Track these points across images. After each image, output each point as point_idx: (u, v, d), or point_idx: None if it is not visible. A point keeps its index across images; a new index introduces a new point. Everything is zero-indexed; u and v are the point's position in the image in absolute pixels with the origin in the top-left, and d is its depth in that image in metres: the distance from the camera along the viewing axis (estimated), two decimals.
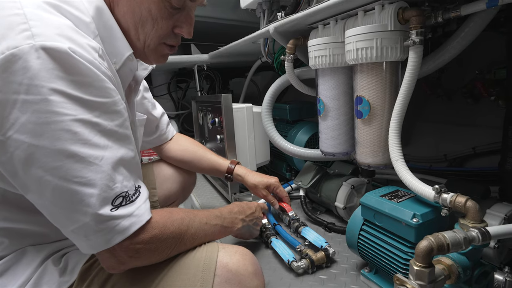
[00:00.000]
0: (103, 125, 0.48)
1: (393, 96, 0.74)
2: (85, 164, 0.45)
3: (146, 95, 0.92)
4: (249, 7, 1.31)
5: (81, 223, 0.46)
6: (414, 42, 0.65)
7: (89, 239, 0.47)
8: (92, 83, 0.47)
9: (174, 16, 0.59)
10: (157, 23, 0.58)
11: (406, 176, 0.66)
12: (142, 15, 0.56)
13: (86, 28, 0.51)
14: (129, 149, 0.52)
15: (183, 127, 2.32)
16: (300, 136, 1.29)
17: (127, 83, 0.64)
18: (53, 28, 0.45)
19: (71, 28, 0.47)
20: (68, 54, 0.44)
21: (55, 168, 0.44)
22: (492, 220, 0.68)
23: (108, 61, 0.53)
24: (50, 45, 0.43)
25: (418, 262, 0.49)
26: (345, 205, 0.98)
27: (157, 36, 0.59)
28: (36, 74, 0.42)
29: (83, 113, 0.45)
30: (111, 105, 0.49)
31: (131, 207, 0.50)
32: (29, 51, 0.42)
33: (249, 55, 1.65)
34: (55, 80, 0.43)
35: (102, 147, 0.47)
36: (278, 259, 0.88)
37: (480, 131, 1.14)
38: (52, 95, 0.43)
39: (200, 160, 1.04)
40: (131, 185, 0.51)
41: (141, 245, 0.51)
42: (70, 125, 0.44)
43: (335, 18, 0.85)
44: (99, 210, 0.46)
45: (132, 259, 0.51)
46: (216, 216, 0.69)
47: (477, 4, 0.61)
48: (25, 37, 0.42)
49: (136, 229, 0.49)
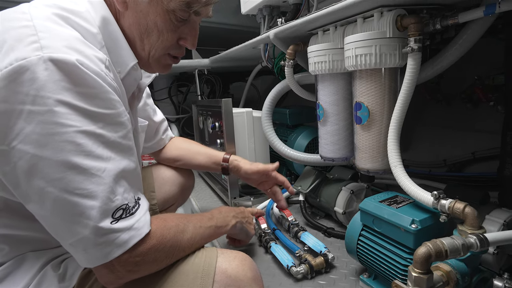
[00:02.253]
0: (106, 136, 0.48)
1: (392, 102, 0.75)
2: (87, 176, 0.45)
3: (148, 101, 0.93)
4: (250, 13, 1.32)
5: (80, 236, 0.46)
6: (412, 49, 0.66)
7: (88, 253, 0.47)
8: (98, 94, 0.47)
9: (179, 28, 0.60)
10: (162, 35, 0.59)
11: (404, 182, 0.66)
12: (148, 26, 0.57)
13: (93, 38, 0.52)
14: (131, 160, 0.52)
15: (183, 131, 2.32)
16: (300, 141, 1.29)
17: (131, 92, 0.65)
18: (61, 40, 0.46)
19: (79, 40, 0.48)
20: (75, 66, 0.44)
21: (57, 179, 0.44)
22: (491, 226, 0.68)
23: (114, 71, 0.54)
24: (58, 57, 0.43)
25: (416, 268, 0.49)
26: (345, 210, 0.99)
27: (162, 47, 0.60)
28: (43, 85, 0.42)
29: (88, 124, 0.46)
30: (115, 116, 0.50)
31: (131, 220, 0.49)
32: (37, 62, 0.42)
33: (250, 60, 1.66)
34: (61, 92, 0.44)
35: (105, 158, 0.47)
36: (277, 264, 0.88)
37: (479, 136, 1.15)
38: (58, 106, 0.43)
39: (195, 155, 1.02)
40: (131, 197, 0.51)
41: (140, 258, 0.50)
42: (74, 137, 0.44)
43: (335, 24, 0.85)
44: (100, 223, 0.46)
45: (130, 273, 0.51)
46: (208, 218, 0.69)
47: (475, 11, 0.61)
48: (34, 49, 0.43)
49: (135, 242, 0.49)
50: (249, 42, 1.23)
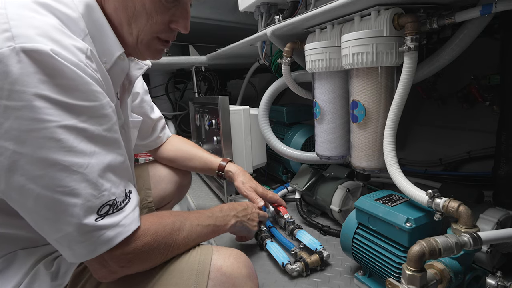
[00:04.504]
0: (90, 130, 0.46)
1: (388, 101, 0.75)
2: (68, 173, 0.44)
3: (145, 98, 0.92)
4: (247, 10, 1.31)
5: (64, 232, 0.45)
6: (409, 48, 0.66)
7: (72, 249, 0.46)
8: (78, 86, 0.45)
9: (169, 10, 0.56)
10: (151, 18, 0.55)
11: (400, 181, 0.66)
12: (136, 9, 0.54)
13: (76, 26, 0.49)
14: (118, 153, 0.50)
15: (180, 128, 2.32)
16: (297, 139, 1.29)
17: (119, 83, 0.62)
18: (34, 28, 0.43)
19: (56, 28, 0.45)
20: (50, 56, 0.42)
21: (38, 176, 0.43)
22: (485, 224, 0.68)
23: (98, 61, 0.51)
24: (31, 47, 0.41)
25: (410, 266, 0.49)
26: (340, 208, 0.99)
27: (152, 31, 0.57)
28: (16, 79, 0.40)
29: (68, 118, 0.44)
30: (98, 108, 0.47)
31: (118, 216, 0.48)
32: (10, 54, 0.40)
33: (247, 57, 1.65)
34: (38, 85, 0.41)
35: (88, 153, 0.46)
36: (273, 261, 0.88)
37: (475, 136, 1.15)
38: (35, 100, 0.41)
39: (193, 158, 1.03)
40: (119, 192, 0.50)
41: (133, 255, 0.50)
42: (53, 133, 0.43)
43: (332, 22, 0.85)
44: (83, 220, 0.45)
45: (124, 268, 0.50)
46: (207, 217, 0.69)
47: (472, 11, 0.61)
48: (5, 39, 0.41)
49: (121, 239, 0.48)
50: (246, 40, 1.22)
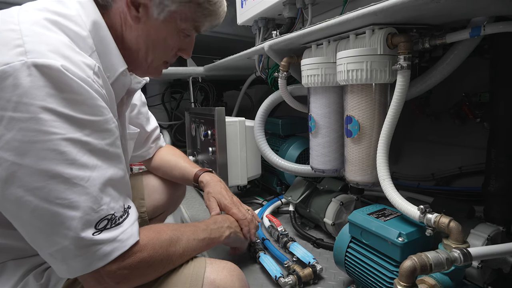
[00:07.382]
0: (93, 144, 0.47)
1: (382, 116, 0.76)
2: (69, 185, 0.44)
3: (142, 109, 0.92)
4: (245, 24, 1.34)
5: (60, 246, 0.44)
6: (402, 66, 0.68)
7: (67, 263, 0.46)
8: (84, 101, 0.46)
9: (182, 41, 0.65)
10: (168, 49, 0.64)
11: (392, 195, 0.67)
12: (157, 41, 0.61)
13: (84, 43, 0.51)
14: (119, 168, 0.51)
15: (175, 138, 2.32)
16: (292, 151, 1.30)
17: (120, 98, 0.64)
18: (47, 45, 0.44)
19: (66, 45, 0.47)
20: (60, 72, 0.43)
21: (37, 188, 0.43)
22: (476, 240, 0.69)
23: (104, 77, 0.53)
24: (42, 62, 0.42)
25: (401, 281, 0.49)
26: (334, 222, 0.99)
27: (163, 58, 0.66)
28: (25, 92, 0.41)
29: (73, 131, 0.45)
30: (102, 123, 0.49)
31: (116, 230, 0.48)
32: (21, 68, 0.41)
33: (244, 69, 1.67)
34: (46, 98, 0.43)
35: (90, 167, 0.46)
36: (266, 274, 0.88)
37: (466, 152, 1.17)
38: (42, 113, 0.42)
39: (173, 168, 0.98)
40: (118, 207, 0.49)
41: (129, 270, 0.49)
42: (57, 145, 0.43)
43: (328, 39, 0.87)
44: (81, 233, 0.44)
45: (119, 285, 0.50)
46: (202, 230, 0.69)
47: (462, 33, 0.64)
48: (18, 54, 0.42)
49: (118, 255, 0.48)
50: (244, 53, 1.24)
